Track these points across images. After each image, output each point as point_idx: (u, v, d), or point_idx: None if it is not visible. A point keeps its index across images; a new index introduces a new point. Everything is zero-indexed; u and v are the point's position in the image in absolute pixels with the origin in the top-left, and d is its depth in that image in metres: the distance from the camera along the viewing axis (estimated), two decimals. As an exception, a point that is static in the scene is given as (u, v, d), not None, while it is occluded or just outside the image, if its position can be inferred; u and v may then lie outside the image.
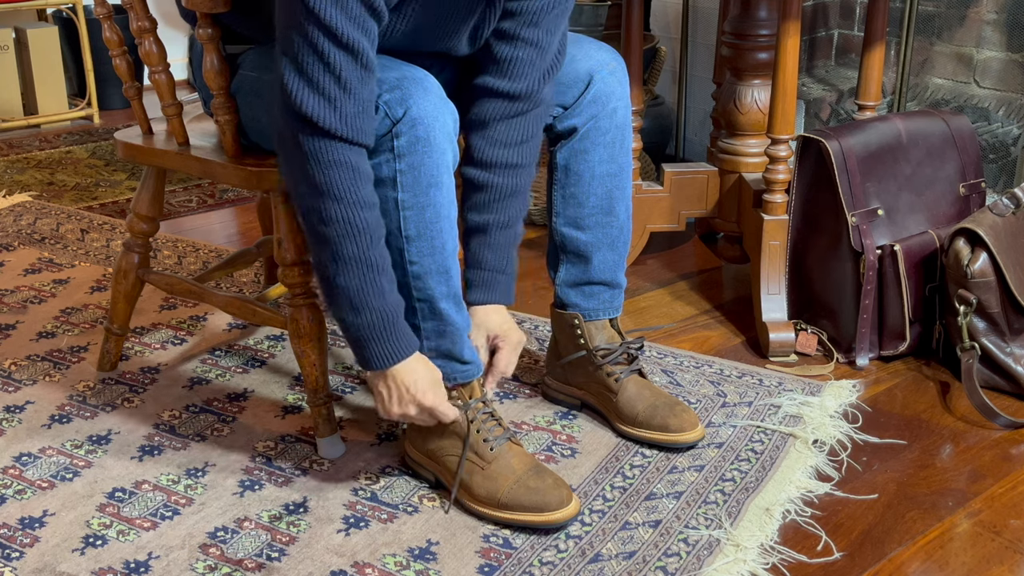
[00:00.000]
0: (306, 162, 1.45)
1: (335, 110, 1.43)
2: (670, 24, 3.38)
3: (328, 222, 1.47)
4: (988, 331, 2.00)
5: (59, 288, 2.49)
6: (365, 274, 1.49)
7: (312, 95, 1.42)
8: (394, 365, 1.55)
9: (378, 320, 1.51)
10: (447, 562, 1.54)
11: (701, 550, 1.57)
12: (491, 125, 1.69)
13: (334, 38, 1.40)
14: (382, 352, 1.53)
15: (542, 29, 1.63)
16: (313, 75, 1.42)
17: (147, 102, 1.97)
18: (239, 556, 1.56)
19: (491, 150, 1.69)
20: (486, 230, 1.73)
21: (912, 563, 1.56)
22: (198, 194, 3.20)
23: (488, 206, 1.72)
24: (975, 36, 2.95)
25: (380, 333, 1.52)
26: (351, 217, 1.46)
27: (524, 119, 1.69)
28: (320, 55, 1.41)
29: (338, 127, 1.43)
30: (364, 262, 1.48)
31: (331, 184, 1.45)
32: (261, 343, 2.21)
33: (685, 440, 1.79)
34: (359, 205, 1.47)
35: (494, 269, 1.76)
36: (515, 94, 1.67)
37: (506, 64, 1.65)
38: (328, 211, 1.46)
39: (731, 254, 2.61)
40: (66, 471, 1.76)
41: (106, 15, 1.88)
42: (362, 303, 1.50)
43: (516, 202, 1.74)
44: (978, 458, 1.82)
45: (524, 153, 1.71)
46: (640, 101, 2.43)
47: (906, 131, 2.19)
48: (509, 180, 1.71)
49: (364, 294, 1.50)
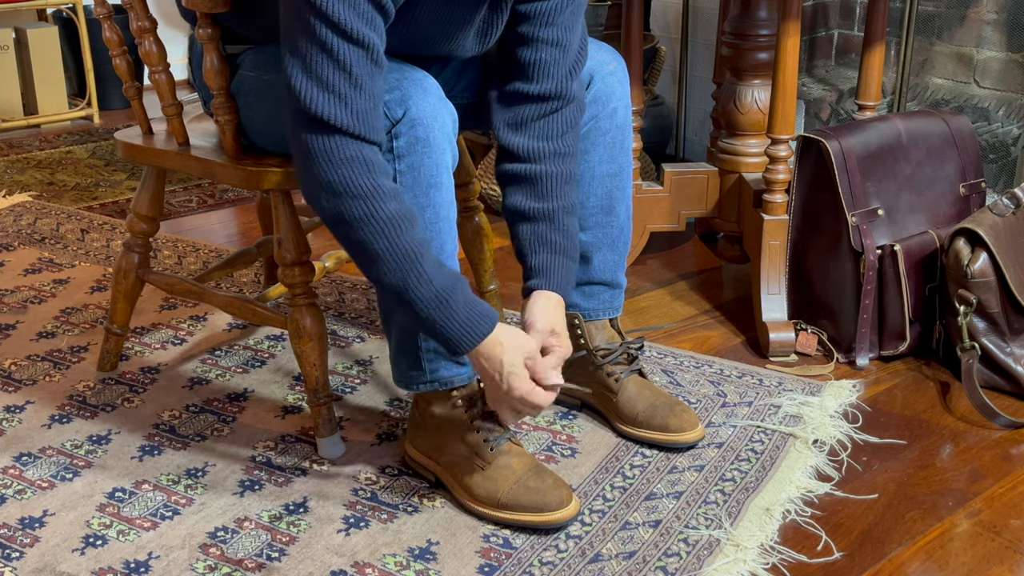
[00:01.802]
0: (318, 164, 1.41)
1: (346, 107, 1.40)
2: (670, 24, 3.38)
3: (353, 222, 1.42)
4: (988, 331, 2.00)
5: (59, 288, 2.49)
6: (404, 265, 1.43)
7: (321, 93, 1.39)
8: (477, 346, 1.49)
9: (433, 309, 1.45)
10: (447, 562, 1.54)
11: (701, 550, 1.57)
12: (528, 125, 1.66)
13: (343, 34, 1.38)
14: (455, 334, 1.47)
15: (559, 28, 1.63)
16: (322, 73, 1.39)
17: (147, 102, 1.97)
18: (239, 556, 1.56)
19: (534, 144, 1.65)
20: (552, 216, 1.65)
21: (912, 563, 1.56)
22: (198, 194, 3.20)
23: (548, 193, 1.65)
24: (975, 36, 2.95)
25: (442, 322, 1.46)
26: (374, 212, 1.41)
27: (559, 115, 1.67)
28: (329, 52, 1.38)
29: (351, 124, 1.40)
30: (400, 254, 1.43)
31: (348, 182, 1.41)
32: (261, 343, 2.21)
33: (685, 440, 1.79)
34: (380, 197, 1.42)
35: (566, 254, 1.66)
36: (545, 95, 1.65)
37: (531, 68, 1.64)
38: (350, 211, 1.42)
39: (731, 254, 2.61)
40: (66, 471, 1.76)
41: (106, 15, 1.88)
42: (411, 297, 1.45)
43: (573, 189, 1.68)
44: (978, 458, 1.82)
45: (567, 142, 1.67)
46: (640, 101, 2.43)
47: (906, 131, 2.19)
48: (560, 167, 1.66)
49: (409, 287, 1.44)
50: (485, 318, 1.49)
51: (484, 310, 1.49)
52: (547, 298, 1.63)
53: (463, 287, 1.48)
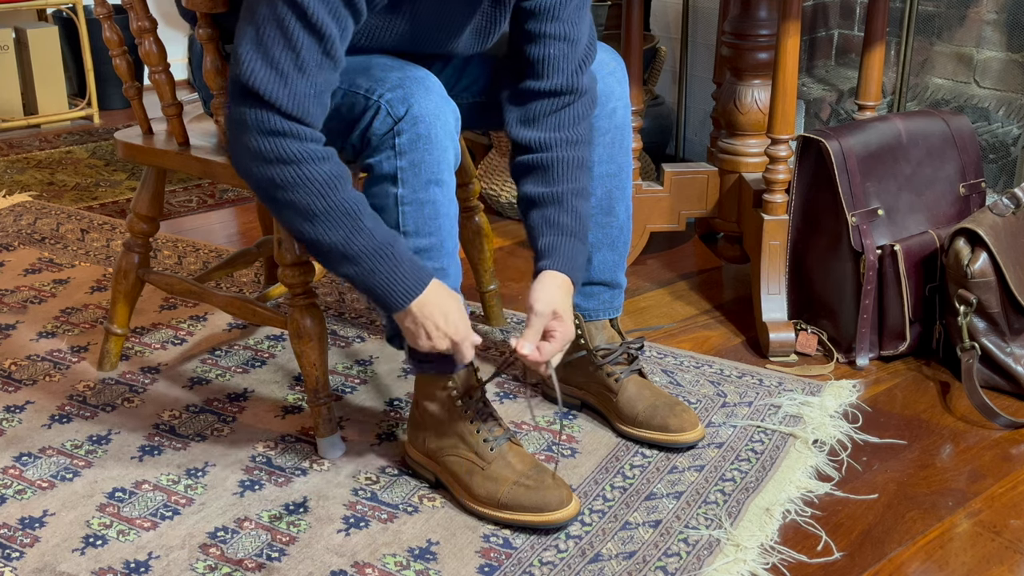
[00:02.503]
0: (250, 133, 1.42)
1: (285, 86, 1.40)
2: (670, 24, 3.38)
3: (287, 186, 1.43)
4: (988, 331, 2.00)
5: (59, 288, 2.49)
6: (343, 221, 1.45)
7: (264, 68, 1.39)
8: (414, 299, 1.50)
9: (378, 261, 1.47)
10: (447, 562, 1.54)
11: (701, 550, 1.57)
12: (541, 119, 1.66)
13: (303, 16, 1.38)
14: (396, 291, 1.48)
15: (566, 23, 1.63)
16: (271, 48, 1.39)
17: (147, 102, 1.97)
18: (239, 556, 1.56)
19: (547, 135, 1.66)
20: (561, 199, 1.65)
21: (912, 563, 1.56)
22: (198, 194, 3.20)
23: (559, 178, 1.65)
24: (975, 36, 2.95)
25: (386, 274, 1.47)
26: (306, 174, 1.42)
27: (572, 108, 1.67)
28: (283, 30, 1.39)
29: (286, 103, 1.40)
30: (338, 210, 1.44)
31: (279, 149, 1.41)
32: (261, 343, 2.21)
33: (685, 440, 1.79)
34: (312, 160, 1.43)
35: (575, 235, 1.65)
36: (555, 90, 1.65)
37: (540, 64, 1.64)
38: (282, 175, 1.42)
39: (731, 254, 2.61)
40: (66, 471, 1.76)
41: (106, 15, 1.88)
42: (354, 252, 1.46)
43: (585, 175, 1.68)
44: (978, 458, 1.82)
45: (579, 132, 1.68)
46: (640, 101, 2.43)
47: (906, 131, 2.19)
48: (572, 153, 1.66)
49: (351, 242, 1.45)
50: (425, 269, 1.51)
51: (421, 265, 1.50)
52: (552, 278, 1.60)
53: (402, 241, 1.50)
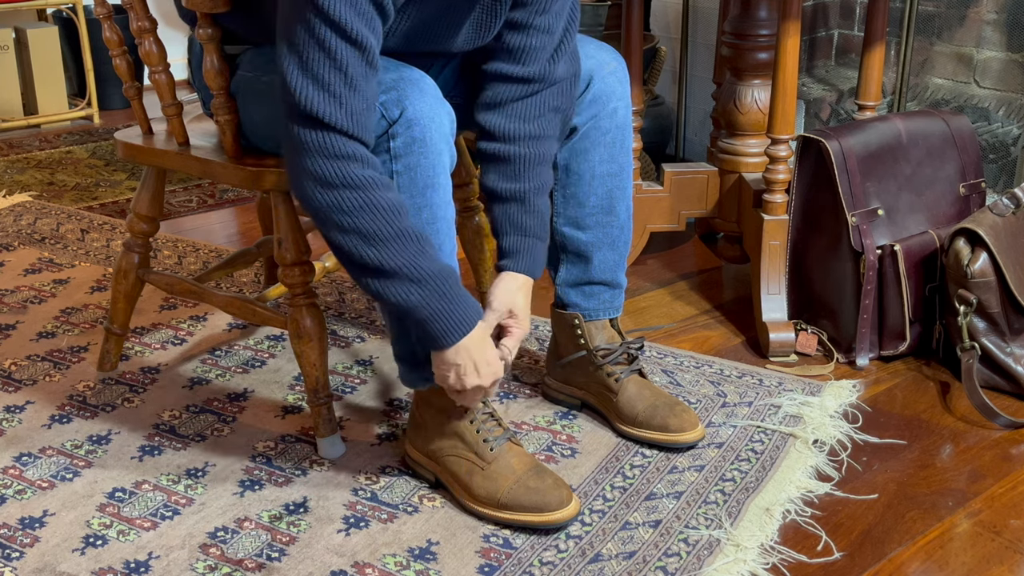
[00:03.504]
0: (312, 157, 1.42)
1: (341, 106, 1.41)
2: (670, 24, 3.38)
3: (352, 211, 1.43)
4: (988, 331, 2.00)
5: (59, 288, 2.49)
6: (409, 245, 1.45)
7: (318, 91, 1.40)
8: (464, 337, 1.52)
9: (442, 286, 1.48)
10: (447, 562, 1.54)
11: (701, 550, 1.57)
12: (506, 105, 1.67)
13: (342, 33, 1.38)
14: (451, 324, 1.50)
15: (551, 15, 1.64)
16: (319, 71, 1.40)
17: (147, 102, 1.97)
18: (239, 556, 1.56)
19: (510, 124, 1.67)
20: (523, 197, 1.68)
21: (912, 563, 1.56)
22: (198, 194, 3.20)
23: (520, 174, 1.68)
24: (975, 36, 2.95)
25: (446, 302, 1.49)
26: (372, 200, 1.43)
27: (539, 97, 1.68)
28: (327, 51, 1.39)
29: (345, 123, 1.41)
30: (404, 235, 1.45)
31: (344, 173, 1.42)
32: (261, 343, 2.21)
33: (685, 440, 1.79)
34: (377, 187, 1.44)
35: (536, 236, 1.69)
36: (528, 78, 1.66)
37: (518, 52, 1.65)
38: (348, 200, 1.42)
39: (731, 254, 2.61)
40: (66, 471, 1.76)
41: (106, 15, 1.88)
42: (421, 274, 1.46)
43: (546, 171, 1.71)
44: (978, 458, 1.82)
45: (543, 125, 1.69)
46: (640, 101, 2.43)
47: (906, 131, 2.19)
48: (534, 149, 1.68)
49: (418, 264, 1.46)
50: (475, 308, 1.53)
51: (475, 304, 1.54)
52: (511, 279, 1.67)
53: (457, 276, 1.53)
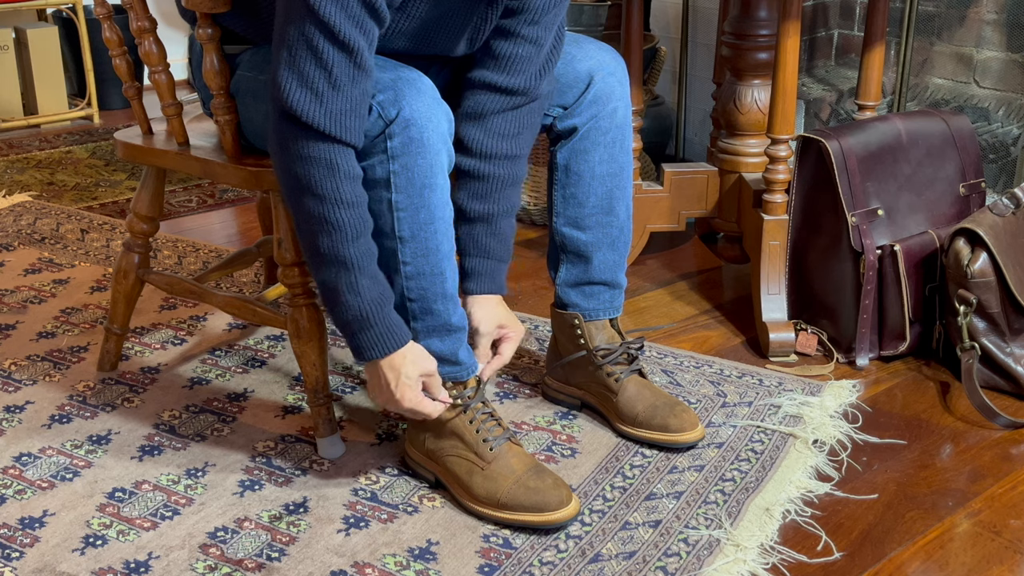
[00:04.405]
0: (286, 156, 1.46)
1: (321, 105, 1.43)
2: (670, 24, 3.38)
3: (307, 217, 1.48)
4: (988, 331, 2.00)
5: (59, 288, 2.49)
6: (339, 272, 1.49)
7: (300, 89, 1.42)
8: (381, 358, 1.54)
9: (357, 315, 1.51)
10: (447, 562, 1.54)
11: (701, 550, 1.57)
12: (488, 118, 1.69)
13: (330, 35, 1.40)
14: (366, 343, 1.53)
15: (541, 26, 1.64)
16: (304, 70, 1.42)
17: (147, 102, 1.97)
18: (239, 556, 1.56)
19: (489, 141, 1.69)
20: (490, 219, 1.72)
21: (912, 563, 1.56)
22: (198, 194, 3.20)
23: (490, 195, 1.71)
24: (975, 36, 2.95)
25: (361, 327, 1.52)
26: (326, 214, 1.46)
27: (520, 112, 1.69)
28: (314, 51, 1.41)
29: (322, 122, 1.43)
30: (338, 260, 1.48)
31: (309, 179, 1.45)
32: (261, 343, 2.21)
33: (685, 440, 1.79)
34: (337, 203, 1.46)
35: (499, 259, 1.75)
36: (513, 89, 1.67)
37: (505, 60, 1.65)
38: (306, 206, 1.47)
39: (731, 254, 2.61)
40: (66, 471, 1.76)
41: (106, 15, 1.88)
42: (339, 300, 1.51)
43: (515, 192, 1.75)
44: (978, 458, 1.82)
45: (520, 144, 1.72)
46: (640, 101, 2.43)
47: (906, 131, 2.19)
48: (508, 170, 1.71)
49: (340, 291, 1.50)
50: (397, 336, 1.54)
51: (400, 330, 1.54)
52: (486, 300, 1.74)
53: (388, 304, 1.53)
